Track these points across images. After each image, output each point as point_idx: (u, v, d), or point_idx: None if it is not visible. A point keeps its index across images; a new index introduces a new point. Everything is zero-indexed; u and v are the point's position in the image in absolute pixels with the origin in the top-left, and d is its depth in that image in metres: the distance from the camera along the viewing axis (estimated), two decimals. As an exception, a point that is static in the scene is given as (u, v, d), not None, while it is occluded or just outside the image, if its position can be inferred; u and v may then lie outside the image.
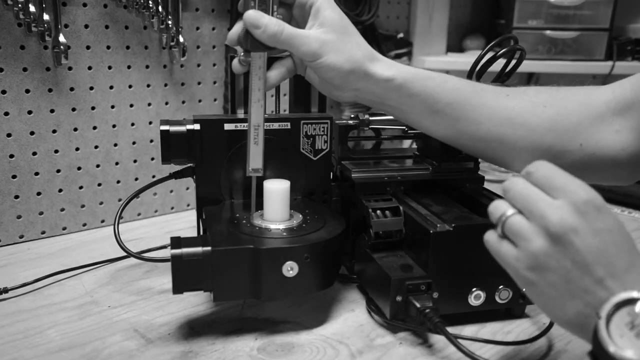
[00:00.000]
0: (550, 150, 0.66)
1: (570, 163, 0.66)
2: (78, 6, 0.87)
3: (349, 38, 0.63)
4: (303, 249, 0.61)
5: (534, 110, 0.66)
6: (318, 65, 0.63)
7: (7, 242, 0.88)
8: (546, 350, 0.62)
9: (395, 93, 0.65)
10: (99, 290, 0.74)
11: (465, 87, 0.67)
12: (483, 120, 0.66)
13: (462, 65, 1.33)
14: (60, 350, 0.61)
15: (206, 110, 1.03)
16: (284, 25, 0.61)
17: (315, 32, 0.62)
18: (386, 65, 0.65)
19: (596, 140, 0.65)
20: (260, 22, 0.61)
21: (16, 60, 0.83)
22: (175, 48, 0.96)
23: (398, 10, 1.34)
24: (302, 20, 0.65)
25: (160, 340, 0.63)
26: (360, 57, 0.63)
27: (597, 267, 0.44)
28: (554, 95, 0.67)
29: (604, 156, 0.65)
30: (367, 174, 0.74)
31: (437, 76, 0.66)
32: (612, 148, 0.65)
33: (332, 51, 0.62)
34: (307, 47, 0.62)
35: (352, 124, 0.78)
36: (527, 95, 0.67)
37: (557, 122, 0.65)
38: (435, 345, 0.62)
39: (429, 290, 0.62)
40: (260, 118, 0.65)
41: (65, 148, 0.90)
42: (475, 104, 0.66)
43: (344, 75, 0.63)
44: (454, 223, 0.63)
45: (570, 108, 0.66)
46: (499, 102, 0.67)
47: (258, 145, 0.65)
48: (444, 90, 0.66)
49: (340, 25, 0.63)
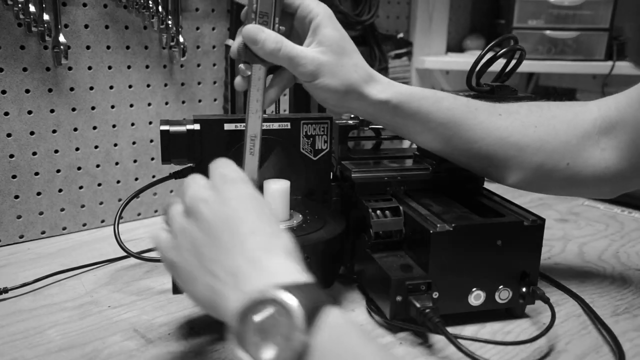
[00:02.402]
0: (540, 169, 0.69)
1: (557, 180, 0.70)
2: (78, 6, 0.87)
3: (346, 60, 0.63)
4: (303, 249, 0.61)
5: (525, 130, 0.68)
6: (313, 87, 0.63)
7: (7, 242, 0.88)
8: (546, 350, 0.62)
9: (390, 114, 0.66)
10: (99, 290, 0.74)
11: (459, 107, 0.68)
12: (476, 139, 0.68)
13: (462, 65, 1.33)
14: (60, 350, 0.61)
15: (206, 110, 1.03)
16: (282, 43, 0.61)
17: (312, 53, 0.62)
18: (382, 87, 0.65)
19: (583, 159, 0.68)
20: (258, 38, 0.60)
21: (16, 60, 0.83)
22: (175, 48, 0.96)
23: (398, 10, 1.34)
24: (302, 32, 0.65)
25: (160, 340, 0.63)
26: (356, 79, 0.63)
27: (224, 234, 0.44)
28: (544, 115, 0.69)
29: (589, 174, 0.68)
30: (367, 174, 0.74)
31: (432, 95, 0.67)
32: (597, 166, 0.68)
33: (328, 74, 0.62)
34: (303, 69, 0.61)
35: (352, 124, 0.78)
36: (519, 114, 0.69)
37: (547, 142, 0.68)
38: (435, 345, 0.62)
39: (429, 290, 0.62)
40: (257, 129, 0.65)
41: (65, 148, 0.90)
42: (469, 124, 0.68)
43: (339, 97, 0.64)
44: (454, 223, 0.63)
45: (559, 128, 0.68)
46: (492, 121, 0.68)
47: (254, 155, 0.65)
48: (439, 110, 0.67)
49: (338, 45, 0.63)
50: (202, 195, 0.46)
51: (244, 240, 0.43)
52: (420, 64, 1.37)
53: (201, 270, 0.44)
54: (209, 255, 0.44)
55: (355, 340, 0.38)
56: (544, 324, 0.66)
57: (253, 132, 0.65)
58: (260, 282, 0.41)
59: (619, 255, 0.87)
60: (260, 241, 0.43)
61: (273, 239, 0.44)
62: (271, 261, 0.42)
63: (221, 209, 0.45)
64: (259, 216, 0.45)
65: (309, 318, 0.38)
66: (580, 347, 0.63)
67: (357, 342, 0.38)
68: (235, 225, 0.44)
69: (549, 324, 0.63)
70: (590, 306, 0.70)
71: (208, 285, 0.44)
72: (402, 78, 1.32)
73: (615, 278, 0.79)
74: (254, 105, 0.64)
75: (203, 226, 0.45)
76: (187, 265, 0.45)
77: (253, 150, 0.65)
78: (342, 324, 0.39)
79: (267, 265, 0.42)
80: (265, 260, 0.42)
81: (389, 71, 1.28)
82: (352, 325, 0.39)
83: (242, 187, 0.47)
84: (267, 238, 0.44)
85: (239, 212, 0.45)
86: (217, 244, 0.44)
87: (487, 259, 0.64)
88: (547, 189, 0.73)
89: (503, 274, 0.65)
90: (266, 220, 0.45)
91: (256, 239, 0.43)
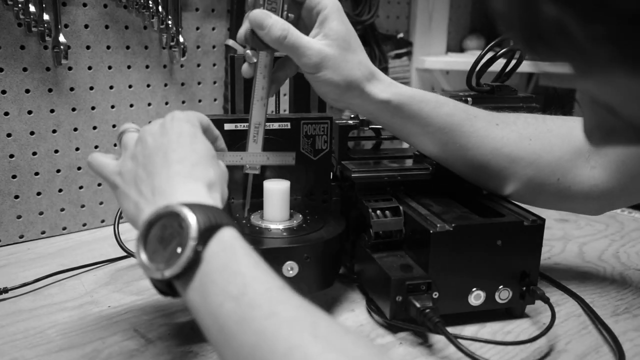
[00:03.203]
0: (530, 182, 0.69)
1: (547, 195, 0.71)
2: (78, 6, 0.87)
3: (351, 55, 0.63)
4: (303, 249, 0.61)
5: (520, 143, 0.68)
6: (315, 79, 0.63)
7: (7, 242, 0.88)
8: (546, 350, 0.62)
9: (389, 114, 0.66)
10: (99, 290, 0.74)
11: (459, 114, 0.68)
12: (471, 147, 0.68)
13: (462, 65, 1.33)
14: (60, 350, 0.61)
15: (206, 110, 1.03)
16: (288, 30, 0.60)
17: (317, 44, 0.61)
18: (383, 86, 0.65)
19: (573, 175, 0.68)
20: (265, 23, 0.60)
21: (16, 60, 0.83)
22: (175, 48, 0.96)
23: (398, 10, 1.34)
24: (309, 22, 0.64)
25: (160, 340, 0.63)
26: (358, 76, 0.63)
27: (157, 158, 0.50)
28: (540, 128, 0.70)
29: (578, 191, 0.69)
30: (367, 174, 0.74)
31: (433, 99, 0.67)
32: (585, 183, 0.68)
33: (331, 67, 0.62)
34: (307, 59, 0.61)
35: (352, 124, 0.78)
36: (516, 126, 0.69)
37: (540, 157, 0.68)
38: (435, 345, 0.62)
39: (429, 290, 0.62)
40: (261, 117, 0.64)
41: (65, 148, 0.90)
42: (466, 131, 0.68)
43: (340, 92, 0.63)
44: (454, 223, 0.63)
45: (554, 142, 0.69)
46: (488, 130, 0.68)
47: (257, 143, 0.65)
48: (438, 115, 0.67)
49: (344, 40, 0.62)
50: (150, 129, 0.53)
51: (170, 165, 0.49)
52: (420, 64, 1.37)
53: (132, 189, 0.50)
54: (141, 175, 0.50)
55: (242, 257, 0.43)
56: (544, 324, 0.66)
57: (257, 120, 0.65)
58: (171, 199, 0.46)
59: (619, 255, 0.88)
60: (183, 168, 0.49)
61: (196, 168, 0.49)
62: (187, 185, 0.48)
63: (160, 139, 0.51)
64: (191, 149, 0.51)
65: (205, 232, 0.43)
66: (580, 347, 0.63)
67: (243, 259, 0.43)
68: (167, 153, 0.50)
69: (549, 324, 0.63)
70: (590, 306, 0.70)
71: (135, 201, 0.50)
72: (402, 78, 1.32)
73: (615, 278, 0.79)
74: (259, 93, 0.64)
75: (144, 152, 0.51)
76: (125, 186, 0.52)
77: (257, 138, 0.65)
78: (234, 241, 0.44)
79: (182, 188, 0.47)
80: (182, 183, 0.48)
81: (389, 71, 1.28)
82: (243, 245, 0.44)
83: (185, 125, 0.52)
84: (190, 167, 0.49)
85: (173, 144, 0.50)
86: (150, 167, 0.50)
87: (487, 259, 0.64)
88: (538, 203, 0.73)
89: (503, 274, 0.65)
90: (195, 153, 0.51)
91: (180, 166, 0.49)
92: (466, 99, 0.79)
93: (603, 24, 0.28)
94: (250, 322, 0.39)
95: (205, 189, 0.49)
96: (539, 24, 0.30)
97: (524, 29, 0.32)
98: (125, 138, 0.55)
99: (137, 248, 0.46)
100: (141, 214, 0.48)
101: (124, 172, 0.52)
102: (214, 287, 0.42)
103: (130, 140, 0.54)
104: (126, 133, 0.56)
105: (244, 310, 0.40)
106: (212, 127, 0.58)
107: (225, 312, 0.41)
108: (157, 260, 0.45)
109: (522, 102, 0.82)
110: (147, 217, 0.46)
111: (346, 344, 0.39)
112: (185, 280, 0.43)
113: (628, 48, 0.28)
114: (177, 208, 0.44)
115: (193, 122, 0.53)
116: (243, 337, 0.39)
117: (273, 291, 0.42)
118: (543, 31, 0.31)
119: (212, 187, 0.50)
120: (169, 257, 0.44)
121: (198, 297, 0.43)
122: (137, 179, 0.50)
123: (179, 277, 0.43)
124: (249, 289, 0.41)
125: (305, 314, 0.40)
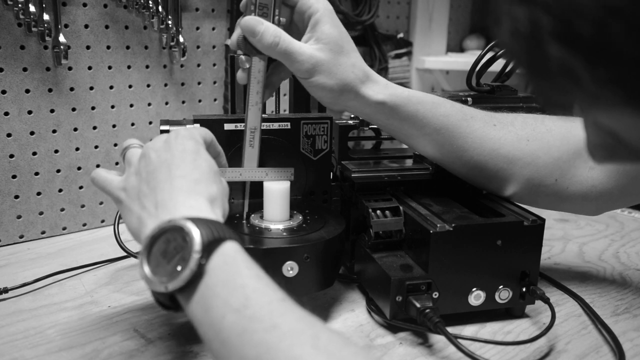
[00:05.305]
0: (528, 182, 0.69)
1: (544, 195, 0.70)
2: (78, 6, 0.87)
3: (344, 59, 0.62)
4: (303, 249, 0.61)
5: (517, 143, 0.68)
6: (309, 84, 0.63)
7: (7, 242, 0.88)
8: (546, 350, 0.62)
9: (385, 115, 0.66)
10: (99, 290, 0.74)
11: (455, 115, 0.68)
12: (468, 148, 0.68)
13: (462, 65, 1.33)
14: (60, 350, 0.61)
15: (206, 110, 1.03)
16: (280, 37, 0.60)
17: (309, 49, 0.61)
18: (378, 88, 0.64)
19: (571, 176, 0.68)
20: (256, 30, 0.60)
21: (16, 60, 0.83)
22: (175, 48, 0.96)
23: (398, 10, 1.34)
24: (301, 27, 0.64)
25: (160, 340, 0.63)
26: (352, 79, 0.63)
27: (160, 174, 0.50)
28: (538, 129, 0.69)
29: (575, 191, 0.69)
30: (367, 174, 0.74)
31: (429, 100, 0.67)
32: (583, 184, 0.68)
33: (324, 72, 0.61)
34: (299, 65, 0.61)
35: (352, 124, 0.78)
36: (514, 126, 0.69)
37: (538, 157, 0.68)
38: (435, 345, 0.62)
39: (429, 290, 0.62)
40: (257, 121, 0.65)
41: (65, 148, 0.90)
42: (463, 132, 0.68)
43: (334, 95, 0.63)
44: (454, 223, 0.63)
45: (552, 143, 0.69)
46: (485, 131, 0.68)
47: (254, 148, 0.65)
48: (434, 117, 0.66)
49: (336, 43, 0.62)
50: (154, 145, 0.53)
51: (173, 181, 0.49)
52: (420, 64, 1.37)
53: (136, 204, 0.51)
54: (145, 191, 0.50)
55: (244, 270, 0.44)
56: (544, 324, 0.66)
57: (253, 125, 0.65)
58: (174, 214, 0.47)
59: (619, 255, 0.88)
60: (186, 184, 0.50)
61: (199, 184, 0.50)
62: (190, 200, 0.48)
63: (164, 155, 0.52)
64: (194, 165, 0.51)
65: (208, 245, 0.44)
66: (580, 347, 0.63)
67: (245, 272, 0.44)
68: (170, 168, 0.50)
69: (549, 324, 0.63)
70: (590, 306, 0.70)
71: (138, 215, 0.50)
72: (402, 78, 1.32)
73: (615, 278, 0.79)
74: (253, 98, 0.64)
75: (148, 168, 0.51)
76: (129, 201, 0.52)
77: (253, 142, 0.65)
78: (236, 255, 0.45)
79: (185, 203, 0.48)
80: (185, 198, 0.48)
81: (388, 71, 1.28)
82: (245, 258, 0.45)
83: (188, 142, 0.53)
84: (193, 183, 0.50)
85: (176, 160, 0.51)
86: (153, 182, 0.50)
87: (487, 258, 0.64)
88: (536, 203, 0.72)
89: (503, 274, 0.65)
90: (198, 170, 0.51)
91: (183, 182, 0.50)
92: (466, 99, 0.79)
93: (608, 67, 0.28)
94: (252, 334, 0.40)
95: (208, 204, 0.49)
96: (546, 63, 0.31)
97: (530, 66, 0.33)
98: (128, 154, 0.56)
99: (141, 262, 0.46)
100: (144, 228, 0.48)
101: (128, 188, 0.52)
102: (216, 300, 0.42)
103: (134, 156, 0.55)
104: (129, 149, 0.56)
105: (245, 323, 0.40)
106: (215, 143, 0.59)
107: (227, 324, 0.41)
108: (160, 273, 0.45)
109: (522, 102, 0.82)
110: (151, 231, 0.46)
111: (346, 356, 0.39)
112: (188, 294, 0.44)
113: (633, 90, 0.29)
114: (180, 222, 0.45)
115: (196, 139, 0.54)
116: (245, 349, 0.39)
117: (274, 303, 0.42)
118: (549, 70, 0.31)
119: (214, 203, 0.50)
120: (172, 271, 0.44)
121: (200, 309, 0.43)
122: (140, 194, 0.51)
123: (182, 290, 0.44)
124: (251, 301, 0.41)
125: (306, 326, 0.40)
